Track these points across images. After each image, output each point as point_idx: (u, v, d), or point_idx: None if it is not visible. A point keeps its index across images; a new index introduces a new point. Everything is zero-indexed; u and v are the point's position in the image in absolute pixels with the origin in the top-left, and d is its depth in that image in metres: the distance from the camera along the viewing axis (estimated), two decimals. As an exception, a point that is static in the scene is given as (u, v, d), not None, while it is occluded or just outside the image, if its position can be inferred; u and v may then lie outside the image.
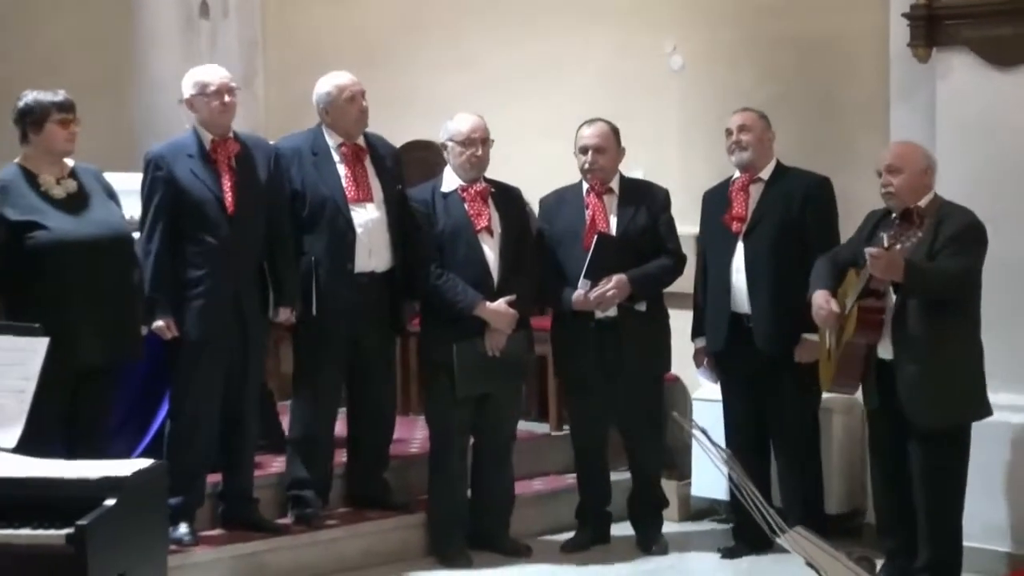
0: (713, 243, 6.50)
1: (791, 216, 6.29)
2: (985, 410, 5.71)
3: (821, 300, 5.78)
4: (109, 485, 3.80)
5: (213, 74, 6.22)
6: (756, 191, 6.38)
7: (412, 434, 7.18)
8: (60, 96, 5.69)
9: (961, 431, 5.70)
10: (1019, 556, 6.05)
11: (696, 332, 6.59)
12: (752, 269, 6.29)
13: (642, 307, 6.51)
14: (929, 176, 5.70)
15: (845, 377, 5.82)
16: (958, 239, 5.55)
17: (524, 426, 7.00)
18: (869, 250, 5.46)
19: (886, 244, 5.41)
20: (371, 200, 6.42)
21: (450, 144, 6.45)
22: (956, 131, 6.23)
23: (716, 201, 6.50)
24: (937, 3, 6.27)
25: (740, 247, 6.33)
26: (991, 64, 6.18)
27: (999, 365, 5.78)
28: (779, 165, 6.43)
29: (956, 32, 6.26)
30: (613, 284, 6.37)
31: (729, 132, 6.40)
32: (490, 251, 6.40)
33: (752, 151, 6.36)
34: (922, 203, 5.60)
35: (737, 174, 6.43)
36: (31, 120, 5.65)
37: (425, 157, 7.19)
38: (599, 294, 6.39)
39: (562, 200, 6.67)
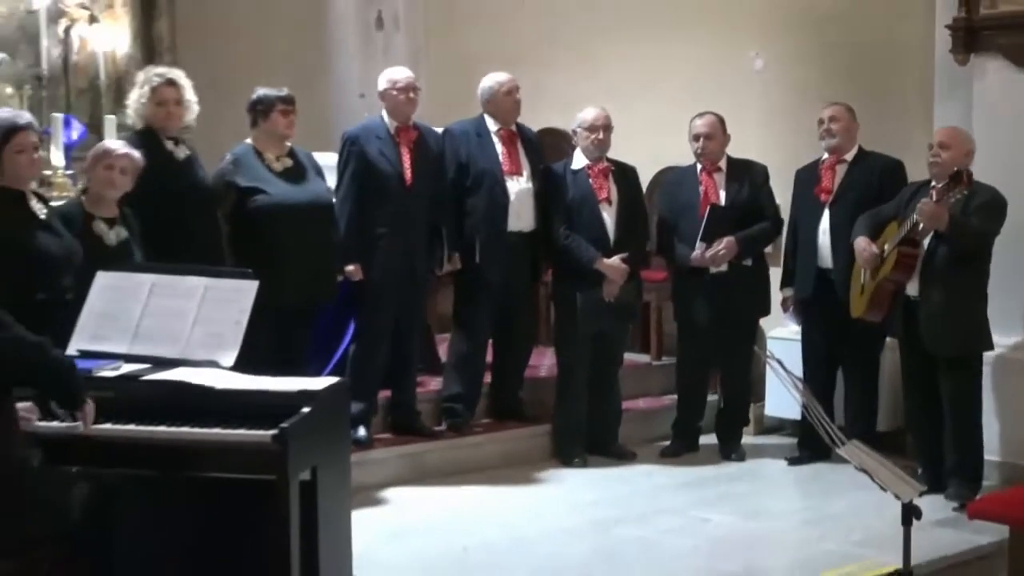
0: (803, 211, 6.39)
1: (870, 190, 6.16)
2: (989, 344, 5.70)
3: (864, 243, 5.81)
4: (305, 396, 3.81)
5: (401, 74, 6.24)
6: (841, 170, 6.28)
7: (541, 361, 7.15)
8: (283, 92, 5.77)
9: (974, 360, 5.69)
10: (1007, 463, 5.96)
11: (784, 283, 6.50)
12: (836, 232, 6.19)
13: (748, 263, 6.48)
14: (969, 158, 5.65)
15: (875, 308, 5.83)
16: (988, 207, 5.56)
17: (630, 357, 6.96)
18: (923, 200, 5.47)
19: (935, 199, 5.43)
20: (521, 174, 6.42)
21: (579, 130, 6.43)
22: (990, 123, 6.07)
23: (807, 176, 6.41)
24: (975, 16, 6.11)
25: (827, 214, 6.23)
26: (1020, 67, 6.02)
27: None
28: (861, 149, 6.31)
29: (991, 40, 6.10)
30: (724, 245, 6.33)
31: (821, 121, 6.30)
32: (608, 217, 6.37)
33: (839, 138, 6.25)
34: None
35: (826, 155, 6.33)
36: (260, 109, 5.72)
37: (556, 143, 7.16)
38: (713, 254, 6.35)
39: (680, 178, 6.65)
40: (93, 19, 8.89)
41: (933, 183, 5.62)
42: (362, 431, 6.07)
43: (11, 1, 8.57)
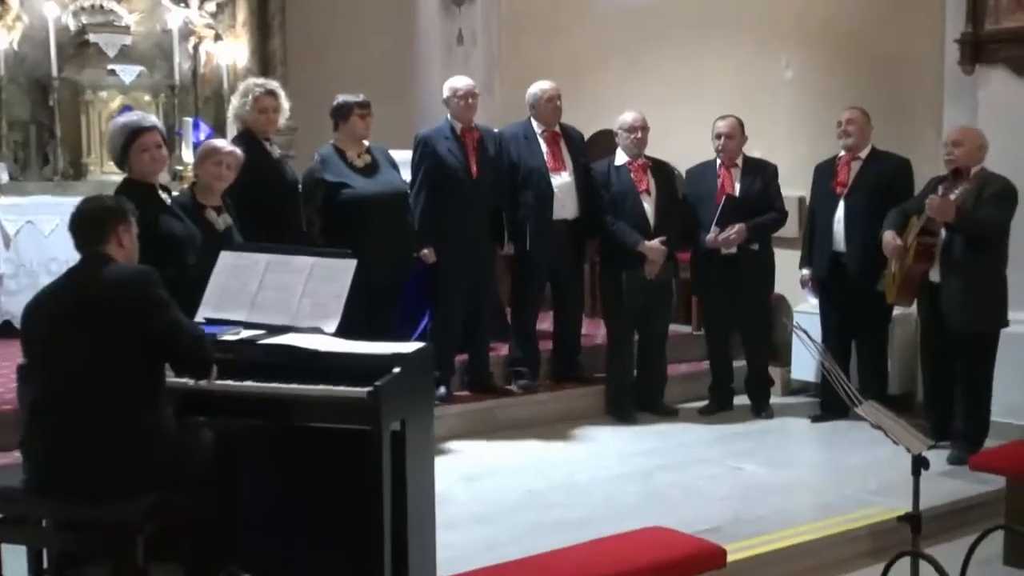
0: (821, 201, 6.30)
1: (881, 185, 6.06)
2: (1004, 322, 5.52)
3: (889, 237, 5.67)
4: (396, 358, 3.80)
5: (461, 82, 6.22)
6: (856, 166, 6.18)
7: (595, 331, 7.12)
8: (360, 97, 5.76)
9: (989, 336, 5.52)
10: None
11: (803, 264, 6.42)
12: (849, 221, 6.10)
13: (756, 247, 6.41)
14: (983, 152, 5.51)
15: (905, 294, 5.70)
16: (998, 196, 5.40)
17: (673, 327, 6.89)
18: (931, 196, 5.36)
19: (941, 194, 5.31)
20: (564, 169, 6.41)
21: (619, 131, 6.41)
22: (994, 127, 5.89)
23: (825, 171, 6.33)
24: (981, 31, 6.02)
25: (842, 205, 6.14)
26: (1022, 77, 5.92)
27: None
28: (874, 149, 6.21)
29: (995, 53, 6.00)
30: (735, 230, 6.28)
31: (839, 123, 6.21)
32: (648, 206, 6.35)
33: (855, 137, 6.16)
34: (973, 169, 5.42)
35: (842, 153, 6.23)
36: (340, 114, 5.73)
37: (610, 143, 7.12)
38: (725, 237, 6.29)
39: (702, 171, 6.58)
40: (218, 37, 9.00)
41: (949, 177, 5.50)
42: (442, 389, 6.09)
43: (148, 22, 8.72)
